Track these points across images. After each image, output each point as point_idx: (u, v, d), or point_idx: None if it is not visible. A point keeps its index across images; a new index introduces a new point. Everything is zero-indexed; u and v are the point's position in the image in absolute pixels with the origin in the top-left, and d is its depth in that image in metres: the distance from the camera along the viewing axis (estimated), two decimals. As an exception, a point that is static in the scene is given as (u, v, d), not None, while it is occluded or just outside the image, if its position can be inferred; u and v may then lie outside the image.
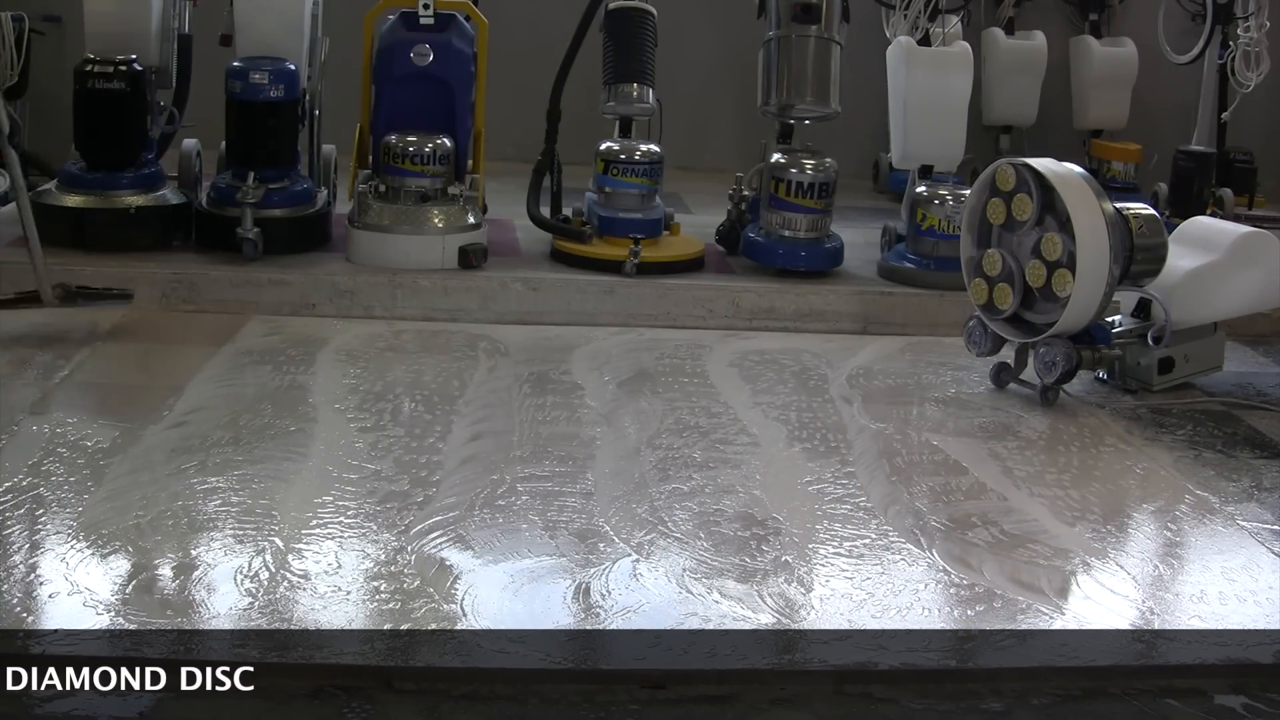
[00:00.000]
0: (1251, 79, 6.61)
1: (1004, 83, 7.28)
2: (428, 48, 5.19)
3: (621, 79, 5.54)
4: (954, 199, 5.38)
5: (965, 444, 4.08)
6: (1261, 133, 7.31)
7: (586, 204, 5.62)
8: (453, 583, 2.97)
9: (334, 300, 5.00)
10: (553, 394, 4.27)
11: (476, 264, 5.18)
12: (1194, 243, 4.80)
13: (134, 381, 4.22)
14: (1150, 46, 7.15)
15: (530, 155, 5.69)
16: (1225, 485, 3.88)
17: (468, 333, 4.89)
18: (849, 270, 5.57)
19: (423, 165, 5.16)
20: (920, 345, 5.09)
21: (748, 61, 5.82)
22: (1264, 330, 5.42)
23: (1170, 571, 3.36)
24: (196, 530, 3.15)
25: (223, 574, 2.95)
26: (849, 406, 4.35)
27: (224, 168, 5.26)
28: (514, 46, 6.58)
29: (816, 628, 2.93)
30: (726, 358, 4.80)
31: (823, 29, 5.43)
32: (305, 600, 2.86)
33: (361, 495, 3.41)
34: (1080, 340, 4.47)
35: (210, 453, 3.60)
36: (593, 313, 5.13)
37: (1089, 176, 4.50)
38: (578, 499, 3.47)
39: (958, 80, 5.59)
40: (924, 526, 3.45)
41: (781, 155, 5.48)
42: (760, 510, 3.48)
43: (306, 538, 3.14)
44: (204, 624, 2.75)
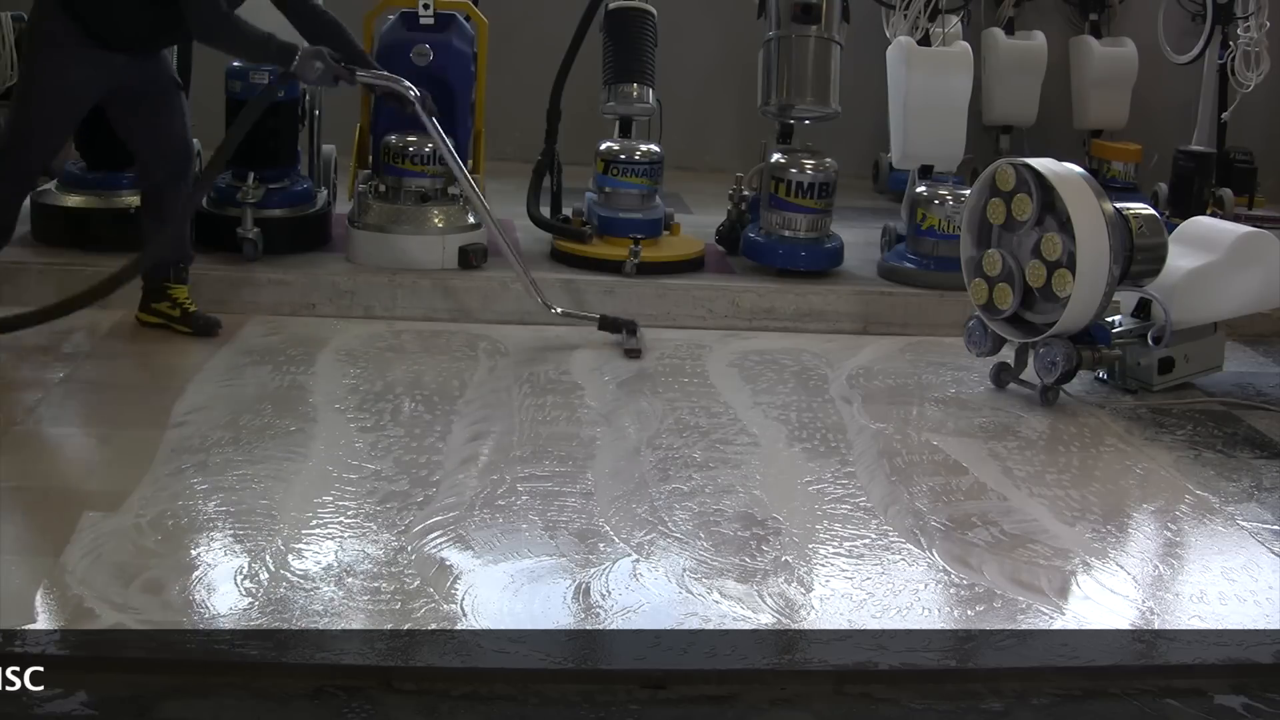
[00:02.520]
0: (1251, 79, 6.61)
1: (1004, 83, 7.27)
2: (428, 48, 5.20)
3: (621, 79, 5.54)
4: (954, 199, 5.38)
5: (965, 444, 4.08)
6: (1261, 133, 7.30)
7: (586, 204, 5.62)
8: (453, 583, 2.97)
9: (334, 300, 5.00)
10: (553, 394, 4.27)
11: (476, 264, 5.18)
12: (1194, 243, 4.80)
13: (134, 381, 4.22)
14: (1150, 46, 7.14)
15: (530, 155, 5.69)
16: (1225, 485, 3.88)
17: (468, 333, 4.89)
18: (849, 270, 5.57)
19: (423, 165, 5.16)
20: (920, 345, 5.09)
21: (748, 61, 5.82)
22: (1264, 330, 5.42)
23: (1170, 571, 3.36)
24: (196, 530, 3.15)
25: (223, 574, 2.95)
26: (849, 406, 4.35)
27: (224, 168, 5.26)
28: (514, 46, 6.58)
29: (816, 628, 2.93)
30: (726, 358, 4.80)
31: (823, 29, 5.43)
32: (305, 600, 2.86)
33: (361, 495, 3.41)
34: (1080, 340, 4.47)
35: (210, 453, 3.60)
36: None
37: (1089, 176, 4.50)
38: (578, 499, 3.47)
39: (958, 80, 5.59)
40: (924, 526, 3.45)
41: (781, 155, 5.48)
42: (760, 510, 3.48)
43: (306, 538, 3.14)
44: (204, 624, 2.75)
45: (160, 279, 4.54)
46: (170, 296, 4.55)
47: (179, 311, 4.55)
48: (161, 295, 4.55)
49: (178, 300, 4.55)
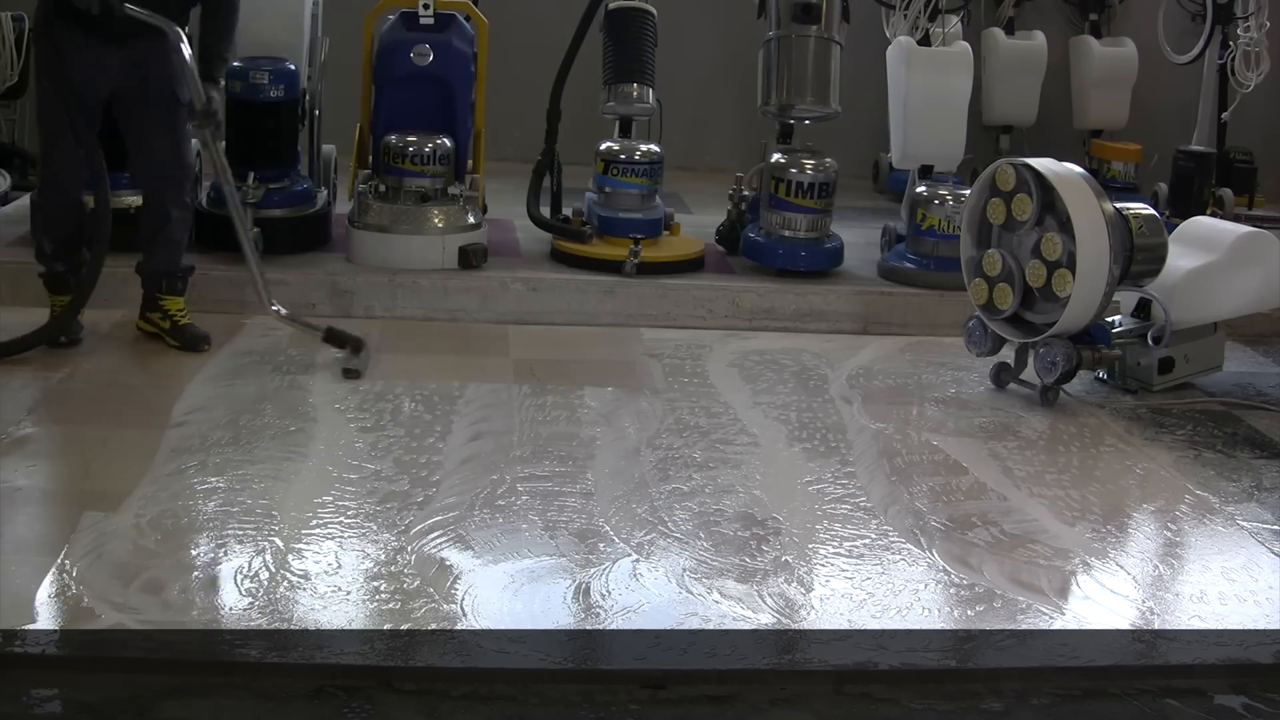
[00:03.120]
0: (1251, 79, 6.61)
1: (1004, 83, 7.27)
2: (428, 48, 5.19)
3: (621, 79, 5.54)
4: (954, 199, 5.38)
5: (965, 444, 4.08)
6: (1261, 133, 7.30)
7: (586, 204, 5.62)
8: (453, 583, 2.97)
9: (334, 300, 5.00)
10: (553, 394, 4.27)
11: (476, 264, 5.17)
12: (1194, 243, 4.80)
13: (134, 381, 4.22)
14: (1150, 46, 7.15)
15: (530, 155, 5.69)
16: (1225, 485, 3.88)
17: (468, 333, 4.89)
18: (849, 270, 5.57)
19: (423, 165, 5.16)
20: (920, 345, 5.09)
21: (748, 61, 5.82)
22: (1264, 330, 5.42)
23: (1170, 571, 3.36)
24: (196, 530, 3.15)
25: (223, 574, 2.96)
26: (849, 406, 4.35)
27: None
28: (514, 46, 6.58)
29: (816, 628, 2.93)
30: (726, 358, 4.80)
31: (823, 29, 5.43)
32: (305, 600, 2.86)
33: (361, 495, 3.41)
34: (1080, 340, 4.47)
35: (210, 453, 3.60)
36: (593, 313, 5.13)
37: (1089, 176, 4.50)
38: (578, 499, 3.47)
39: (958, 80, 5.59)
40: (924, 526, 3.45)
41: (781, 155, 5.48)
42: (760, 510, 3.48)
43: (306, 538, 3.14)
44: (204, 624, 2.75)
45: (153, 290, 4.50)
46: (162, 307, 4.49)
47: (169, 324, 4.48)
48: (154, 305, 4.50)
49: (169, 312, 4.48)
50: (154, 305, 4.50)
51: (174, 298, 4.49)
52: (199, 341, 4.46)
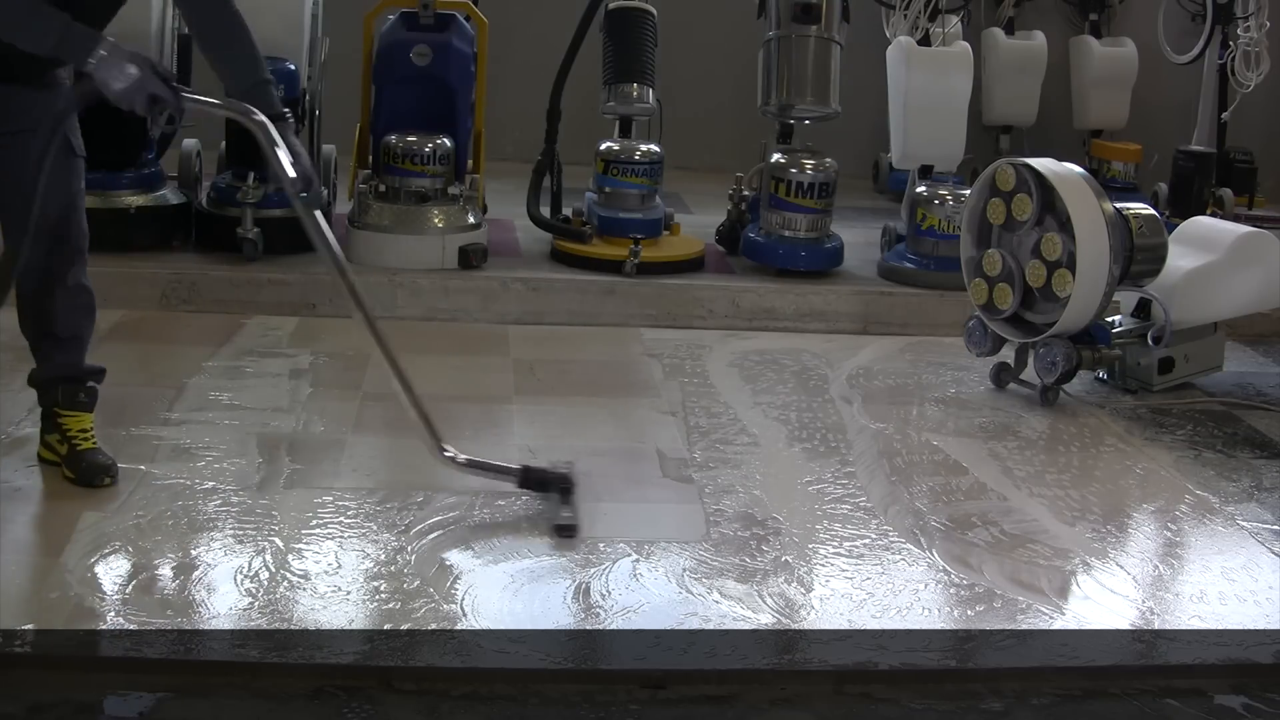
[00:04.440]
0: (1251, 79, 6.60)
1: (1004, 83, 7.27)
2: (428, 48, 5.19)
3: (621, 79, 5.54)
4: (954, 199, 5.38)
5: (965, 444, 4.08)
6: (1261, 133, 7.30)
7: (586, 204, 5.62)
8: (453, 583, 2.97)
9: (334, 300, 4.98)
10: (553, 394, 4.26)
11: (476, 264, 5.18)
12: (1194, 243, 4.80)
13: (134, 381, 4.21)
14: (1150, 46, 7.14)
15: (530, 155, 5.69)
16: (1225, 485, 3.87)
17: (468, 333, 4.89)
18: (849, 270, 5.57)
19: (423, 165, 5.16)
20: (920, 345, 5.09)
21: (748, 61, 5.82)
22: (1264, 330, 5.42)
23: (1170, 571, 3.36)
24: (196, 530, 3.15)
25: (223, 574, 2.95)
26: (849, 406, 4.35)
27: (224, 168, 5.26)
28: (514, 46, 6.58)
29: (816, 628, 2.93)
30: (726, 358, 4.80)
31: (823, 29, 5.43)
32: (305, 600, 2.86)
33: (361, 495, 3.40)
34: (1080, 340, 4.47)
35: (210, 452, 3.59)
36: (593, 313, 5.12)
37: (1089, 176, 4.50)
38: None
39: (958, 80, 5.59)
40: (924, 526, 3.45)
41: (781, 155, 5.48)
42: (760, 510, 3.48)
43: (306, 538, 3.14)
44: (204, 624, 2.75)
45: (49, 403, 3.40)
46: (60, 427, 3.38)
47: (66, 448, 3.35)
48: (51, 424, 3.41)
49: (67, 433, 3.36)
50: (51, 424, 3.41)
51: (76, 414, 3.37)
52: (99, 474, 3.32)
